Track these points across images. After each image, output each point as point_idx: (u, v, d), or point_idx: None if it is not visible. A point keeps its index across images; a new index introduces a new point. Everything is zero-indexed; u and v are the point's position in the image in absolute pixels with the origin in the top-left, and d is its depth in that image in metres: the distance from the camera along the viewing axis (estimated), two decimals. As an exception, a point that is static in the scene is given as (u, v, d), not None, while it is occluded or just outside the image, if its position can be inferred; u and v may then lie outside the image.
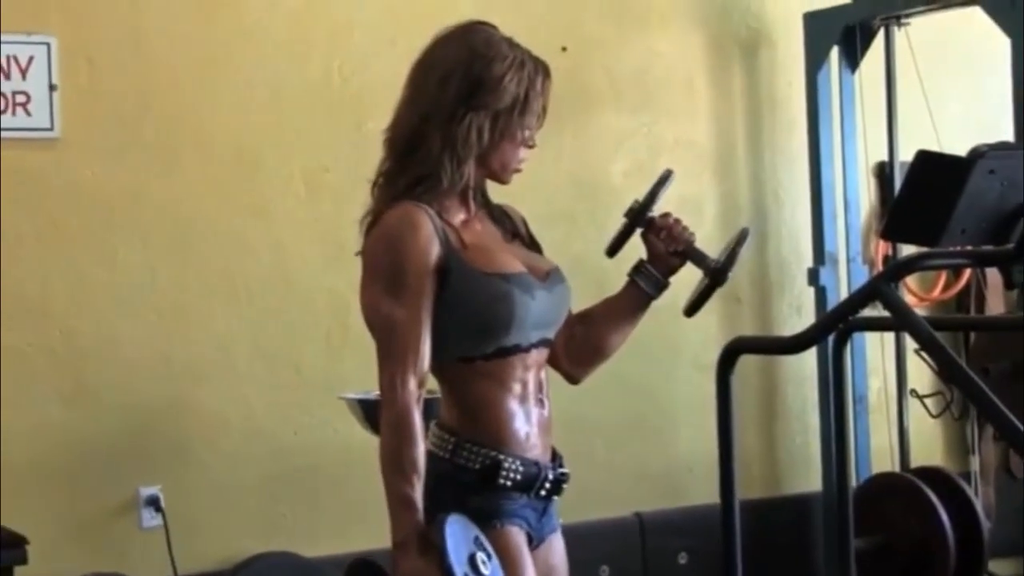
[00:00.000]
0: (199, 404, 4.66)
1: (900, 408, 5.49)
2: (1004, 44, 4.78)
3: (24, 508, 4.24)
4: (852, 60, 5.40)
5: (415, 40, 2.85)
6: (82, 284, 4.55)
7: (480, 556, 2.57)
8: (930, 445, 5.70)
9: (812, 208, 5.46)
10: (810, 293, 5.47)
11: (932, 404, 5.45)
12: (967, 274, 5.59)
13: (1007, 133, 4.86)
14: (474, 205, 2.82)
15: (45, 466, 4.45)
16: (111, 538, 4.55)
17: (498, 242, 2.83)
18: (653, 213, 2.92)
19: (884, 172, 5.59)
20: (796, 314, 5.57)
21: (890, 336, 5.48)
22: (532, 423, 2.77)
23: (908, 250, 4.69)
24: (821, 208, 5.43)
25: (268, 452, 4.74)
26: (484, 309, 2.69)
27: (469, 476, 2.71)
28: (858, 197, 5.53)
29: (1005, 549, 5.42)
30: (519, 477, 2.72)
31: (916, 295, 5.58)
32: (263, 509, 4.74)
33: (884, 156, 5.51)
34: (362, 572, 2.67)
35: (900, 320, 2.90)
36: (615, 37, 5.33)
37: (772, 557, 5.17)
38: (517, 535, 2.73)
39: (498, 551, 2.63)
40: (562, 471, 2.82)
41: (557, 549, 2.87)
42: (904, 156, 5.27)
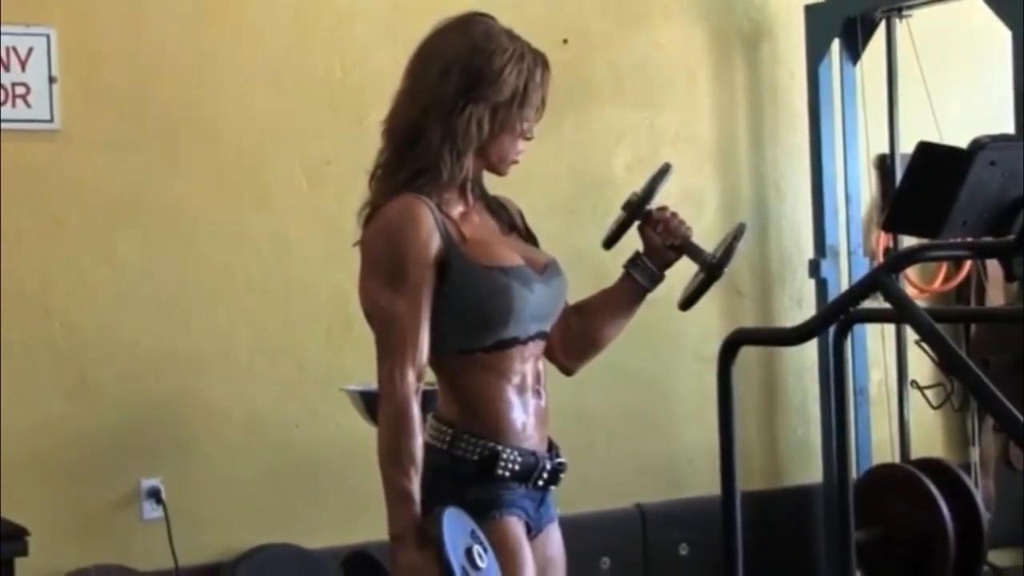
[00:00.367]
0: (200, 397, 4.67)
1: (900, 400, 5.50)
2: (1005, 36, 4.78)
3: (25, 500, 4.24)
4: (853, 52, 5.40)
5: (417, 32, 2.85)
6: (83, 277, 4.55)
7: (477, 549, 2.57)
8: (930, 436, 5.70)
9: (813, 200, 5.46)
10: (811, 285, 5.47)
11: (932, 395, 5.45)
12: (968, 266, 5.59)
13: (1008, 125, 4.85)
14: (472, 197, 2.82)
15: (46, 458, 4.46)
16: (112, 530, 4.55)
17: (496, 235, 2.84)
18: (651, 206, 2.92)
19: (885, 164, 5.59)
20: (797, 306, 5.57)
21: (891, 328, 5.48)
22: (530, 414, 2.78)
23: (909, 242, 4.70)
24: (822, 200, 5.43)
25: (269, 444, 4.75)
26: (483, 302, 2.70)
27: (467, 467, 2.71)
28: (859, 189, 5.53)
29: (1005, 540, 5.42)
30: (517, 468, 2.73)
31: (917, 287, 5.58)
32: (264, 501, 4.74)
33: (885, 148, 5.51)
34: (358, 565, 2.67)
35: (901, 312, 2.90)
36: (616, 30, 5.33)
37: (773, 548, 5.17)
38: (516, 525, 2.73)
39: (497, 542, 2.64)
40: (559, 461, 2.83)
41: (555, 540, 2.88)
42: (905, 148, 5.25)
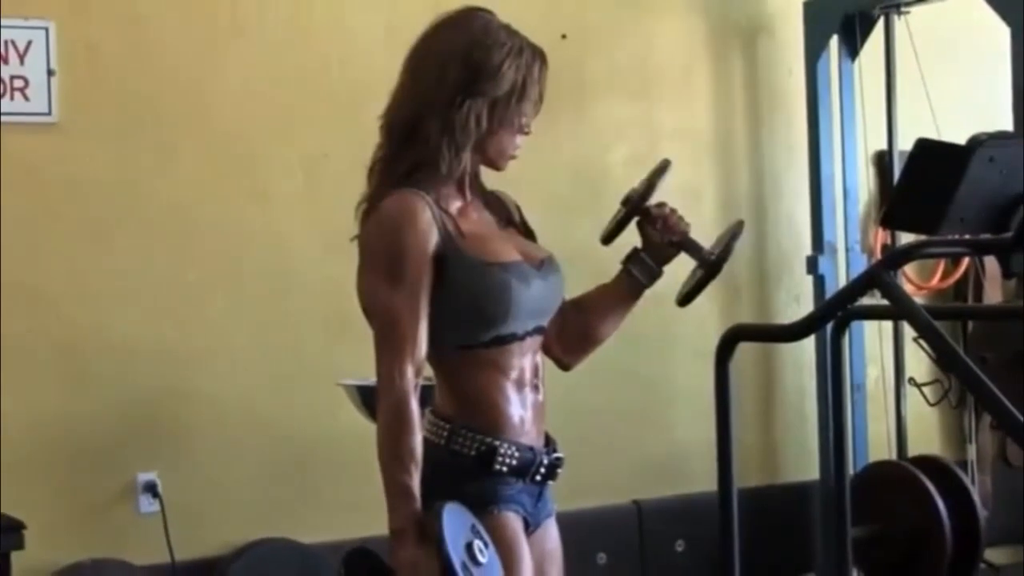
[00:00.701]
0: (197, 391, 4.66)
1: (898, 396, 5.50)
2: (1004, 33, 4.78)
3: (22, 494, 4.24)
4: (852, 49, 5.40)
5: (413, 26, 2.85)
6: (80, 270, 4.55)
7: (477, 544, 2.57)
8: (927, 433, 5.70)
9: (811, 197, 5.46)
10: (809, 282, 5.47)
11: (930, 392, 5.46)
12: (965, 262, 5.59)
13: (1006, 122, 4.85)
14: (470, 193, 2.82)
15: (43, 452, 4.45)
16: (109, 524, 4.55)
17: (494, 230, 2.83)
18: (650, 202, 2.92)
19: (883, 161, 5.59)
20: (795, 303, 5.57)
21: (888, 324, 5.49)
22: (527, 409, 2.78)
23: (907, 238, 4.70)
24: (820, 197, 5.43)
25: (266, 439, 4.74)
26: (481, 298, 2.70)
27: (465, 462, 2.71)
28: (857, 186, 5.53)
29: (1002, 538, 5.43)
30: (515, 462, 2.73)
31: (914, 283, 5.58)
32: (261, 496, 4.74)
33: (883, 145, 5.51)
34: (359, 561, 2.67)
35: (899, 308, 2.90)
36: (615, 25, 5.33)
37: (769, 545, 5.17)
38: (513, 520, 2.73)
39: (494, 536, 2.64)
40: (557, 456, 2.83)
41: (552, 534, 2.88)
42: (903, 145, 5.27)
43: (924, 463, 5.02)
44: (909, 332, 5.10)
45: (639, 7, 5.38)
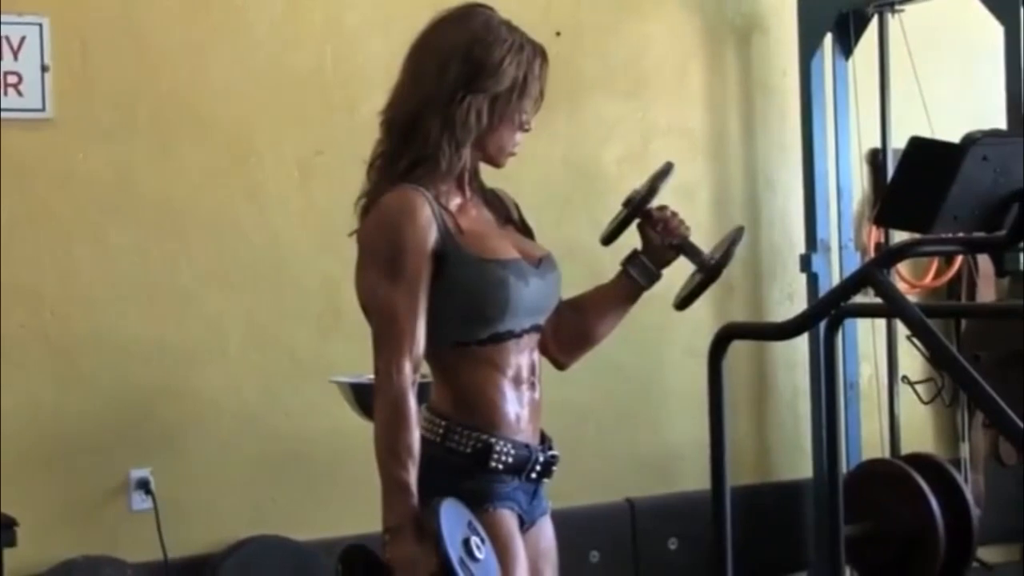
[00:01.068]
0: (190, 388, 4.66)
1: (891, 395, 5.50)
2: (997, 31, 4.78)
3: (14, 491, 4.23)
4: (846, 47, 5.40)
5: (408, 23, 2.85)
6: (73, 267, 4.54)
7: (474, 540, 2.57)
8: (921, 432, 5.70)
9: (804, 195, 5.46)
10: (802, 280, 5.47)
11: (923, 391, 5.46)
12: (959, 261, 5.60)
13: (1000, 120, 4.86)
14: (469, 190, 2.82)
15: (35, 449, 4.45)
16: (101, 521, 4.55)
17: (493, 227, 2.83)
18: (651, 205, 2.92)
19: (877, 159, 5.60)
20: (788, 301, 5.57)
21: (881, 323, 5.49)
22: (524, 406, 2.78)
23: (900, 237, 4.70)
24: (814, 195, 5.43)
25: (259, 436, 4.74)
26: (480, 295, 2.70)
27: (461, 459, 2.71)
28: (851, 184, 5.53)
29: (994, 536, 5.43)
30: (510, 460, 2.73)
31: (908, 282, 5.58)
32: (254, 493, 4.74)
33: (877, 143, 5.51)
34: (356, 557, 2.67)
35: (892, 306, 2.91)
36: (609, 23, 5.32)
37: (762, 543, 5.18)
38: (508, 518, 2.73)
39: (489, 534, 2.64)
40: (552, 453, 2.83)
41: (547, 532, 2.88)
42: (897, 143, 5.26)
43: (917, 461, 5.03)
44: (902, 330, 5.10)
45: (633, 5, 5.38)
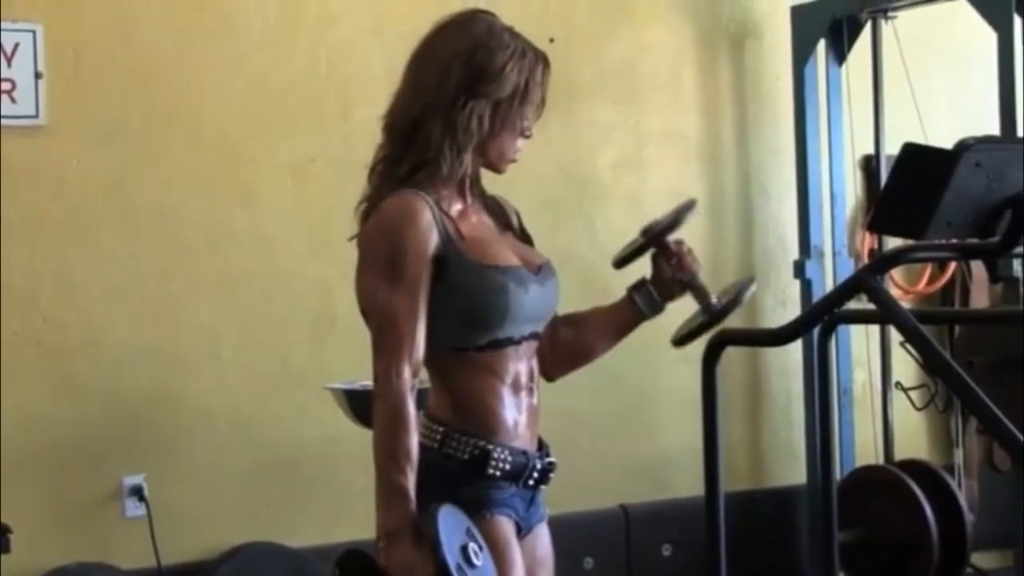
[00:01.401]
0: (184, 394, 4.66)
1: (885, 401, 5.50)
2: (990, 37, 4.79)
3: (8, 497, 4.22)
4: (839, 53, 5.41)
5: (401, 29, 2.85)
6: (67, 273, 4.54)
7: (472, 547, 2.57)
8: (914, 438, 5.71)
9: (798, 201, 5.47)
10: (796, 286, 5.47)
11: (917, 397, 5.46)
12: (952, 267, 5.60)
13: (993, 126, 4.86)
14: (470, 196, 2.82)
15: (29, 455, 4.44)
16: (95, 528, 4.54)
17: (493, 234, 2.83)
18: (670, 237, 2.92)
19: (870, 165, 5.60)
20: (781, 307, 5.57)
21: (875, 329, 5.49)
22: (522, 412, 2.78)
23: (894, 243, 4.70)
24: (807, 201, 5.43)
25: (253, 442, 4.74)
26: (479, 300, 2.70)
27: (458, 466, 2.71)
28: (844, 190, 5.54)
29: (988, 542, 5.43)
30: (508, 467, 2.73)
31: (901, 288, 5.58)
32: (247, 499, 4.73)
33: (870, 149, 5.51)
34: (352, 562, 2.66)
35: (885, 312, 2.91)
36: (603, 29, 5.33)
37: (756, 549, 5.17)
38: (505, 525, 2.73)
39: (486, 541, 2.63)
40: (549, 460, 2.83)
41: (544, 539, 2.88)
42: (890, 149, 5.26)
43: (911, 467, 5.03)
44: (896, 336, 5.10)
45: (627, 10, 5.38)
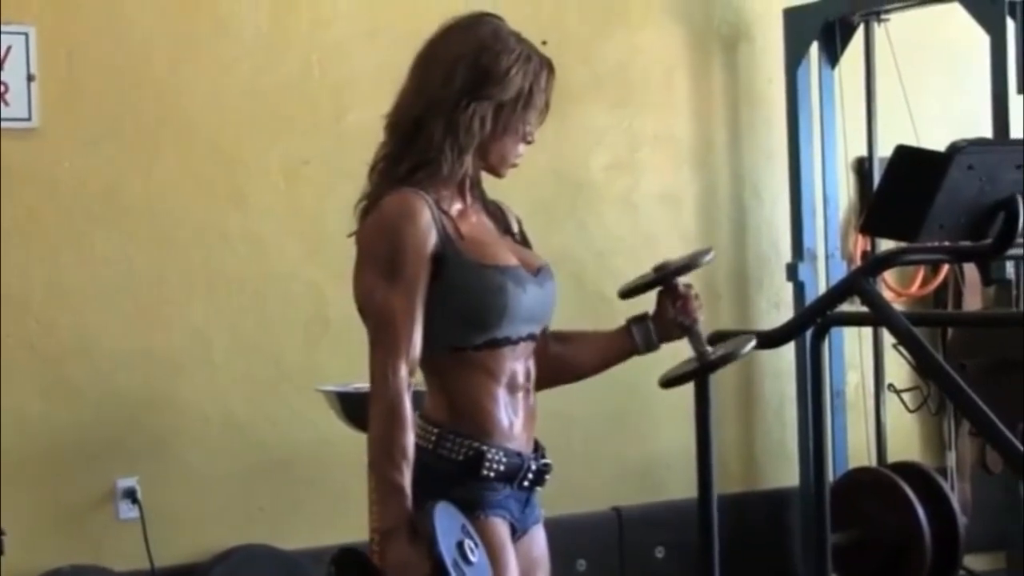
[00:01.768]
0: (177, 396, 4.65)
1: (877, 403, 5.51)
2: (983, 40, 4.80)
3: (1, 499, 4.22)
4: (832, 56, 5.41)
5: (394, 32, 2.86)
6: (60, 276, 4.53)
7: (468, 544, 2.57)
8: (907, 440, 5.71)
9: (791, 203, 5.47)
10: (789, 288, 5.48)
11: (909, 399, 5.46)
12: (945, 269, 5.60)
13: (986, 129, 4.87)
14: (470, 197, 2.82)
15: (23, 458, 4.44)
16: (88, 530, 4.54)
17: (493, 235, 2.83)
18: (680, 280, 2.94)
19: (863, 167, 5.61)
20: (775, 309, 5.57)
21: (868, 331, 5.49)
22: (518, 413, 2.77)
23: (887, 245, 4.70)
24: (800, 203, 5.44)
25: (246, 444, 4.74)
26: (478, 300, 2.69)
27: (452, 467, 2.70)
28: (837, 192, 5.54)
29: (981, 544, 5.43)
30: (502, 468, 2.72)
31: (894, 290, 5.59)
32: (240, 501, 4.73)
33: (863, 152, 5.52)
34: (348, 562, 2.66)
35: (878, 315, 2.91)
36: (595, 32, 5.33)
37: (749, 551, 5.18)
38: (500, 526, 2.73)
39: (481, 542, 2.63)
40: (544, 462, 2.82)
41: (539, 541, 2.87)
42: (883, 152, 5.27)
43: (904, 470, 5.03)
44: (888, 339, 5.10)
45: (619, 14, 5.38)
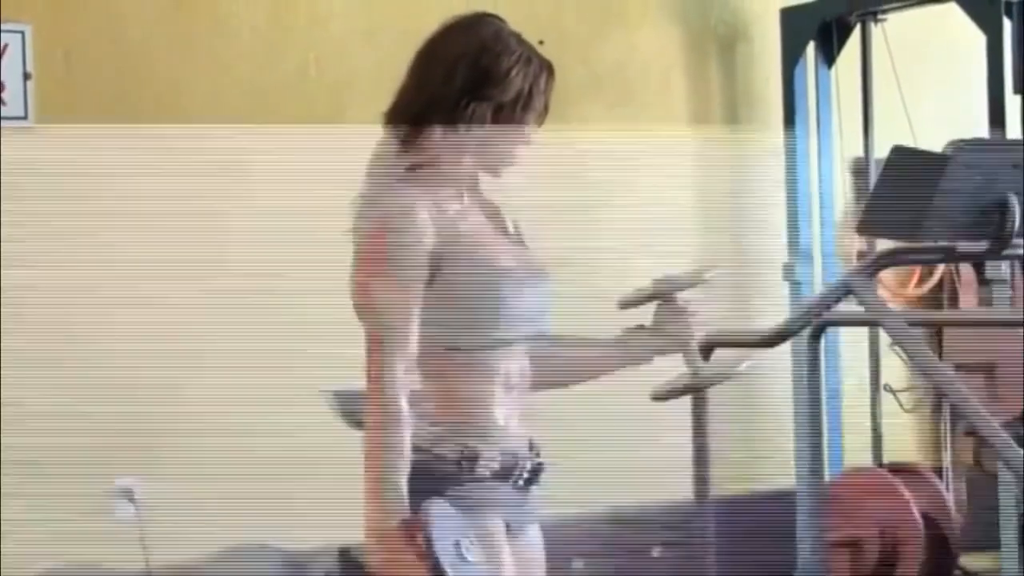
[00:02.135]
0: (175, 396, 4.65)
1: (873, 403, 5.51)
2: (979, 40, 4.80)
3: (1, 500, 4.22)
4: (828, 56, 5.41)
5: (392, 32, 2.86)
6: (56, 275, 4.53)
7: (464, 543, 2.57)
8: (903, 440, 5.71)
9: (788, 203, 5.47)
10: (785, 288, 5.47)
11: (905, 399, 5.47)
12: (941, 269, 5.61)
13: (982, 129, 4.87)
14: (469, 197, 2.82)
15: (22, 457, 4.43)
16: (85, 530, 4.53)
17: (490, 235, 2.83)
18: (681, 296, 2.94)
19: (860, 167, 5.61)
20: (771, 309, 5.57)
21: (864, 331, 5.49)
22: (513, 413, 2.77)
23: (884, 245, 4.71)
24: (797, 203, 5.44)
25: (243, 445, 4.73)
26: (475, 300, 2.70)
27: (448, 466, 2.71)
28: (834, 192, 5.55)
29: (976, 543, 5.43)
30: (497, 467, 2.73)
31: (891, 290, 5.59)
32: (238, 502, 4.72)
33: (860, 151, 5.52)
34: (354, 558, 2.66)
35: (874, 315, 2.92)
36: (593, 32, 5.33)
37: (746, 552, 5.17)
38: (496, 526, 2.73)
39: (477, 541, 2.63)
40: (539, 461, 2.83)
41: (534, 540, 2.87)
42: (880, 152, 5.27)
43: (900, 469, 5.04)
44: (885, 339, 5.11)
45: (617, 14, 5.39)
